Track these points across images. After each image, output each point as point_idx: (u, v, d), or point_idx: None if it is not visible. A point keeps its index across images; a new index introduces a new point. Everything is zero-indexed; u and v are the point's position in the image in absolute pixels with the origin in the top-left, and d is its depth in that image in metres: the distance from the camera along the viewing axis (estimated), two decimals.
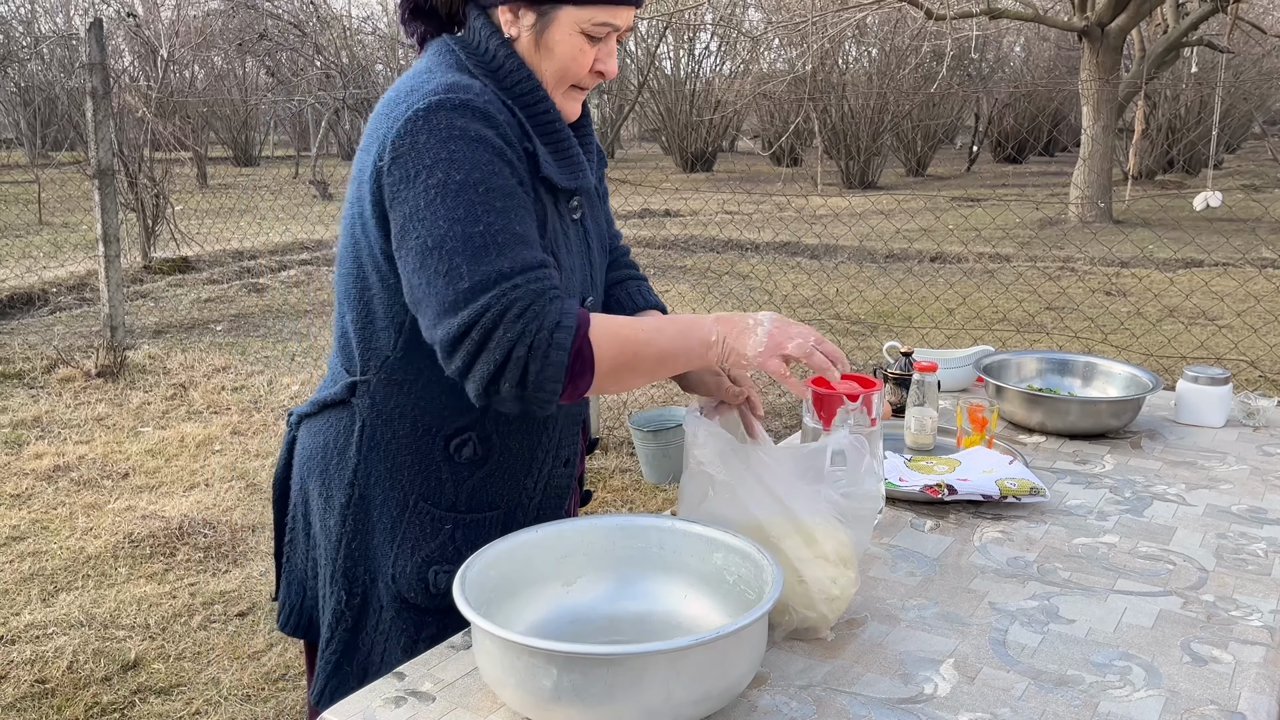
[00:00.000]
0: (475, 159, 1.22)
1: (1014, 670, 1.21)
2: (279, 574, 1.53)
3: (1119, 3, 11.27)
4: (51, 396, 5.27)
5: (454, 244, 1.19)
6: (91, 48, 5.99)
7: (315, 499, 1.42)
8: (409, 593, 1.36)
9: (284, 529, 1.51)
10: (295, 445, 1.47)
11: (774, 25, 16.64)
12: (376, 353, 1.35)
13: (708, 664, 1.05)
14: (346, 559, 1.38)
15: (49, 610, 3.10)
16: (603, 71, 1.34)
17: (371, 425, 1.36)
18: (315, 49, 12.99)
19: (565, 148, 1.35)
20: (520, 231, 1.23)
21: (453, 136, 1.21)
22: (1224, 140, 18.20)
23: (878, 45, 17.86)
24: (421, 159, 1.21)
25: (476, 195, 1.21)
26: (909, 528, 1.61)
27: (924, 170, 19.03)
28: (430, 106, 1.22)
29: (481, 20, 1.33)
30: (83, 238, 10.08)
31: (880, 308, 7.51)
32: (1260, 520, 1.63)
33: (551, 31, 1.30)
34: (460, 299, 1.19)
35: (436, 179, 1.21)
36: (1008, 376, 2.21)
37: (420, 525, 1.36)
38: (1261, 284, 7.68)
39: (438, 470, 1.36)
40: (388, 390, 1.35)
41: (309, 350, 6.36)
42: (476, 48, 1.33)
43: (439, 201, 1.20)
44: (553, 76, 1.33)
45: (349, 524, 1.37)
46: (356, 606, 1.39)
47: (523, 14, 1.30)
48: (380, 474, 1.36)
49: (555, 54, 1.31)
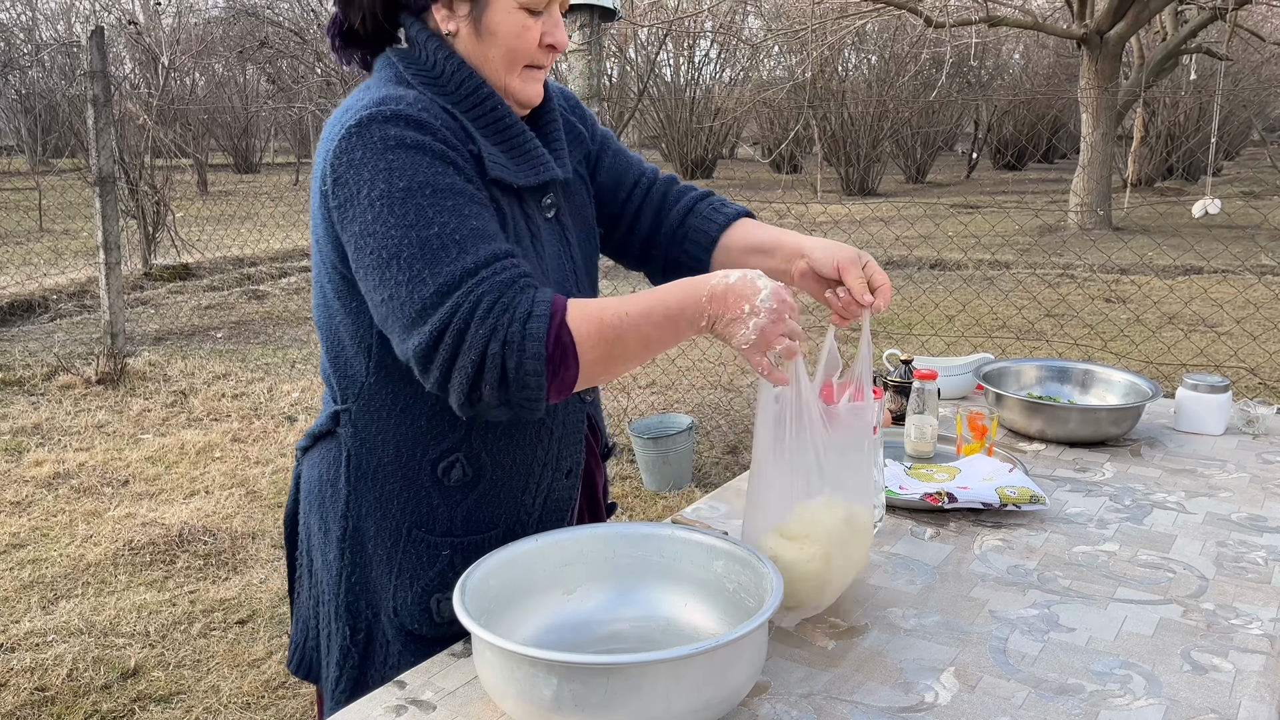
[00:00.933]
0: (416, 163, 1.17)
1: (1014, 679, 1.21)
2: (292, 613, 1.49)
3: (1118, 10, 11.29)
4: (52, 404, 5.27)
5: (410, 250, 1.15)
6: (93, 55, 6.01)
7: (316, 534, 1.38)
8: (412, 624, 1.32)
9: (295, 565, 1.47)
10: (300, 480, 1.43)
11: (773, 33, 16.68)
12: (352, 380, 1.31)
13: (708, 673, 1.05)
14: (348, 593, 1.34)
15: (49, 618, 3.10)
16: (553, 44, 1.29)
17: (356, 455, 1.32)
18: (316, 56, 13.02)
19: (520, 144, 1.29)
20: (477, 226, 1.18)
21: (388, 147, 1.17)
22: (1223, 147, 18.23)
23: (877, 52, 17.90)
24: (360, 174, 1.17)
25: (424, 198, 1.16)
26: (909, 535, 1.61)
27: (923, 177, 19.06)
28: (361, 122, 1.18)
29: (417, 28, 1.28)
30: (83, 245, 10.09)
31: (879, 315, 7.51)
32: (1260, 528, 1.64)
33: (489, 15, 1.25)
34: (426, 306, 1.14)
35: (379, 190, 1.16)
36: (1007, 384, 2.21)
37: (417, 554, 1.31)
38: (1261, 291, 7.69)
39: (428, 496, 1.31)
40: (368, 418, 1.31)
41: (309, 357, 6.37)
42: (416, 57, 1.28)
43: (386, 212, 1.16)
44: (502, 61, 1.27)
45: (346, 557, 1.34)
46: (361, 642, 1.34)
47: (457, 5, 1.26)
48: (370, 504, 1.32)
49: (498, 36, 1.26)
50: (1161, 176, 17.68)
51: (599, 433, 1.52)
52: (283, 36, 14.85)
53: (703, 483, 4.26)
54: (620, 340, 1.18)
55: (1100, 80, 11.54)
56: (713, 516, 1.69)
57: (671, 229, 1.50)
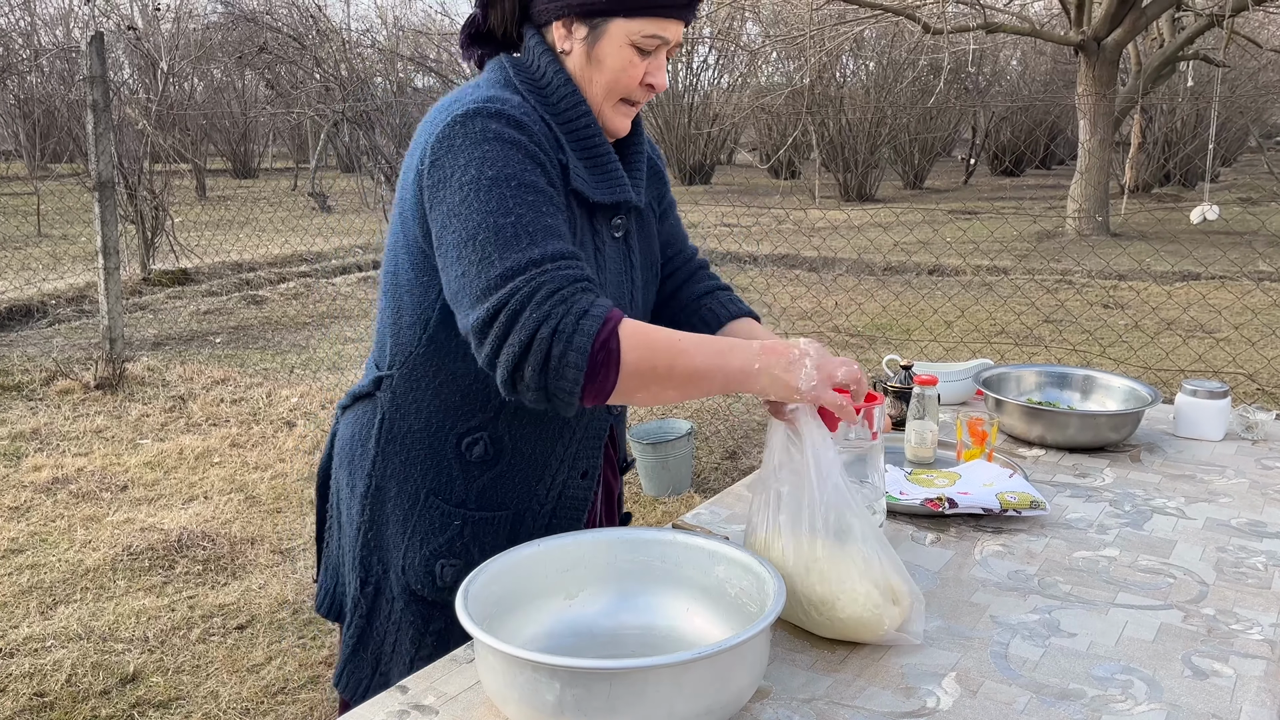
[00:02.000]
0: (507, 157, 1.26)
1: (1016, 684, 1.21)
2: (319, 559, 1.59)
3: (1115, 17, 11.32)
4: (50, 409, 5.26)
5: (486, 235, 1.22)
6: (92, 61, 6.01)
7: (344, 487, 1.48)
8: (416, 585, 1.40)
9: (325, 516, 1.57)
10: (336, 436, 1.52)
11: (772, 39, 16.70)
12: (403, 348, 1.39)
13: (710, 678, 1.05)
14: (363, 547, 1.44)
15: (47, 623, 3.10)
16: (653, 84, 1.37)
17: (390, 418, 1.41)
18: (315, 62, 13.03)
19: (603, 163, 1.37)
20: (551, 224, 1.25)
21: (486, 138, 1.26)
22: (1220, 154, 18.27)
23: (875, 59, 17.93)
24: (457, 159, 1.26)
25: (508, 190, 1.24)
26: (910, 541, 1.61)
27: (921, 183, 19.09)
28: (468, 113, 1.27)
29: (536, 40, 1.37)
30: (82, 250, 10.08)
31: (879, 320, 7.53)
32: (1260, 534, 1.64)
33: (602, 44, 1.33)
34: (491, 285, 1.21)
35: (470, 176, 1.25)
36: (1007, 390, 2.22)
37: (430, 519, 1.40)
38: (1259, 297, 7.70)
39: (449, 467, 1.40)
40: (407, 385, 1.39)
41: (308, 362, 6.37)
42: (527, 65, 1.37)
43: (473, 197, 1.24)
44: (602, 89, 1.36)
45: (366, 513, 1.43)
46: (370, 595, 1.44)
47: (575, 28, 1.34)
48: (395, 466, 1.41)
49: (605, 66, 1.34)
50: (1159, 183, 17.71)
51: (618, 445, 1.59)
52: (281, 42, 14.86)
53: (702, 488, 4.26)
54: (670, 365, 1.22)
55: (1098, 86, 11.57)
56: (713, 521, 1.69)
57: (689, 300, 1.60)
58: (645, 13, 1.32)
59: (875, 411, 1.45)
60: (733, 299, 1.60)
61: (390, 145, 10.06)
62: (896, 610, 1.26)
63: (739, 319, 1.57)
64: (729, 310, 1.57)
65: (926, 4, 11.87)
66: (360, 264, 10.09)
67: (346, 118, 11.18)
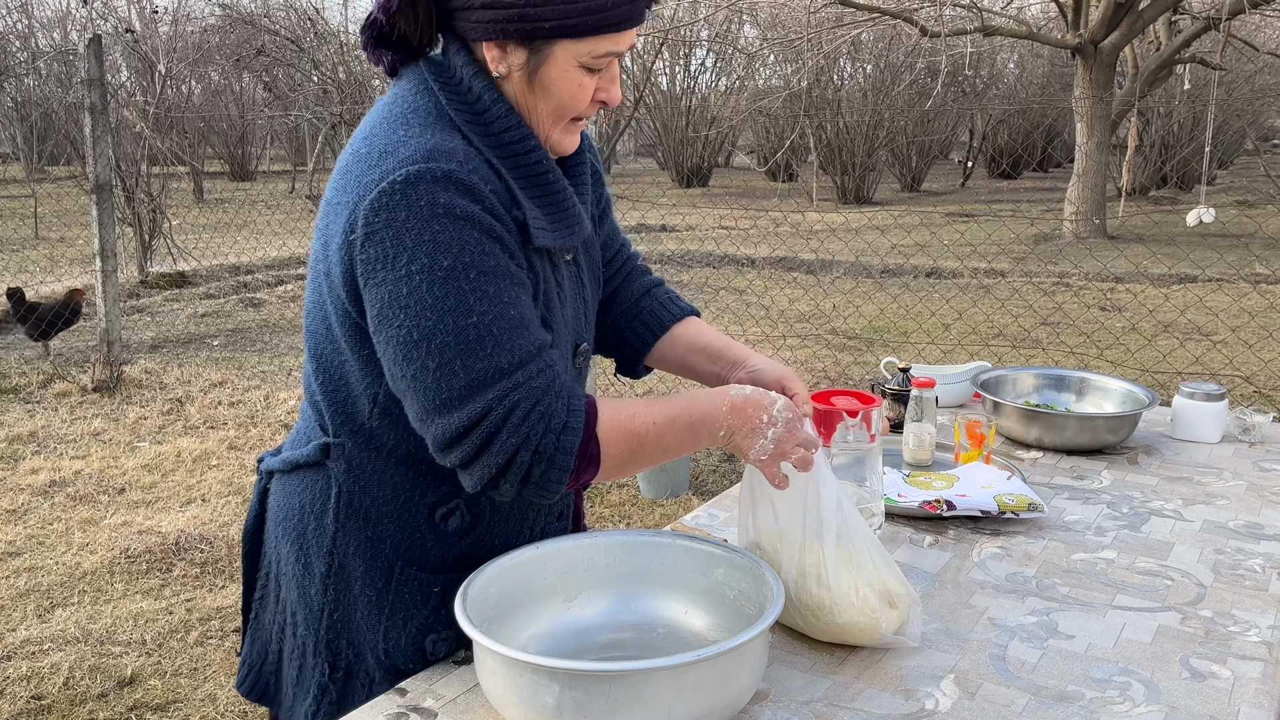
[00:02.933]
0: (463, 239, 1.11)
1: (1014, 686, 1.21)
2: (245, 630, 1.43)
3: (1112, 20, 11.34)
4: (48, 411, 5.26)
5: (445, 337, 1.10)
6: (90, 64, 6.01)
7: (291, 563, 1.32)
8: (406, 665, 1.27)
9: (254, 584, 1.41)
10: (268, 499, 1.37)
11: (769, 42, 16.72)
12: (350, 418, 1.25)
13: (709, 680, 1.05)
14: (329, 631, 1.29)
15: (45, 626, 3.09)
16: (605, 100, 1.23)
17: (349, 492, 1.26)
18: (313, 64, 13.03)
19: (559, 201, 1.23)
20: (516, 315, 1.14)
21: (435, 215, 1.10)
22: (1217, 156, 18.29)
23: (873, 62, 17.95)
24: (401, 240, 1.09)
25: (467, 282, 1.11)
26: (908, 543, 1.61)
27: (919, 186, 19.10)
28: (408, 178, 1.10)
29: (461, 55, 1.19)
30: (79, 252, 10.08)
31: (876, 323, 7.53)
32: (1257, 536, 1.64)
33: (547, 69, 1.17)
34: (454, 397, 1.11)
35: (420, 264, 1.09)
36: (1005, 392, 2.22)
37: (410, 593, 1.27)
38: (1255, 299, 7.71)
39: (422, 538, 1.27)
40: (365, 455, 1.25)
41: None
42: (458, 85, 1.19)
43: (424, 290, 1.09)
44: (550, 115, 1.21)
45: (330, 594, 1.28)
46: (340, 680, 1.30)
47: (511, 51, 1.17)
48: (360, 543, 1.27)
49: (552, 92, 1.19)
50: (1156, 185, 17.73)
51: None
52: (279, 45, 14.86)
53: (700, 490, 4.26)
54: (642, 449, 1.20)
55: (1095, 89, 11.59)
56: (712, 524, 1.69)
57: (627, 305, 1.51)
58: (595, 32, 1.15)
59: (873, 414, 1.45)
60: (673, 298, 1.53)
61: None
62: (894, 613, 1.26)
63: (684, 320, 1.50)
64: (671, 312, 1.50)
65: (924, 7, 11.90)
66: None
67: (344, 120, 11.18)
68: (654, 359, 1.51)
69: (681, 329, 1.50)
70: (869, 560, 1.26)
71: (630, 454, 1.19)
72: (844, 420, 1.44)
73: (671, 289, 1.56)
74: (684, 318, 1.51)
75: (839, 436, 1.44)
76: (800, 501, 1.27)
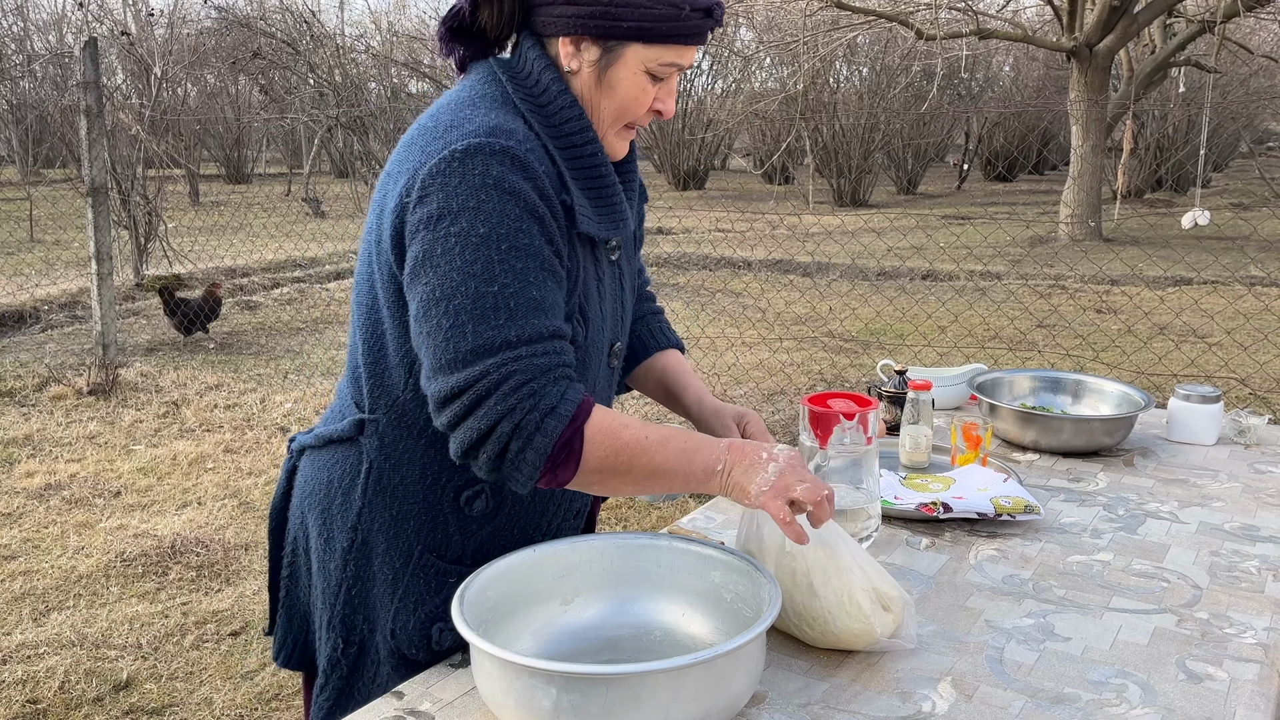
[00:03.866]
0: (504, 212, 1.16)
1: (1011, 688, 1.21)
2: (274, 606, 1.47)
3: (1107, 24, 11.37)
4: (43, 414, 5.25)
5: (463, 300, 1.14)
6: (86, 67, 6.00)
7: (315, 537, 1.36)
8: (409, 649, 1.29)
9: (280, 561, 1.45)
10: (296, 475, 1.41)
11: (765, 44, 16.74)
12: (387, 391, 1.29)
13: (706, 683, 1.05)
14: (345, 605, 1.32)
15: (40, 630, 3.09)
16: (661, 110, 1.29)
17: (379, 469, 1.30)
18: (309, 67, 13.03)
19: (608, 195, 1.28)
20: (536, 296, 1.17)
21: (485, 185, 1.16)
22: (1211, 159, 18.34)
23: (869, 64, 17.98)
24: (449, 202, 1.15)
25: (497, 252, 1.15)
26: (905, 545, 1.61)
27: (915, 188, 19.13)
28: (468, 149, 1.16)
29: (535, 49, 1.26)
30: (74, 255, 10.06)
31: (873, 325, 7.54)
32: (1253, 538, 1.64)
33: (616, 69, 1.24)
34: (458, 359, 1.14)
35: (460, 227, 1.15)
36: (1001, 395, 2.22)
37: (425, 579, 1.30)
38: (1250, 302, 7.73)
39: (445, 522, 1.30)
40: (398, 433, 1.29)
41: (302, 368, 6.36)
42: (526, 78, 1.26)
43: (457, 251, 1.15)
44: (611, 115, 1.27)
45: (349, 570, 1.32)
46: (353, 655, 1.33)
47: (586, 48, 1.24)
48: (384, 521, 1.30)
49: (617, 92, 1.25)
50: (1151, 188, 17.77)
51: None
52: (275, 48, 14.86)
53: (696, 493, 4.26)
54: (631, 462, 1.18)
55: (1090, 92, 11.61)
56: (709, 527, 1.69)
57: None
58: (666, 40, 1.23)
59: (870, 416, 1.46)
60: (664, 328, 1.59)
61: (384, 150, 10.06)
62: (889, 617, 1.26)
63: (666, 350, 1.56)
64: (657, 341, 1.56)
65: (919, 10, 11.91)
66: (355, 269, 10.08)
67: (340, 123, 11.19)
68: (633, 378, 1.58)
69: (665, 358, 1.57)
70: (855, 565, 1.26)
71: (614, 462, 1.18)
72: (841, 422, 1.44)
73: (667, 320, 1.62)
74: (667, 348, 1.57)
75: (836, 439, 1.44)
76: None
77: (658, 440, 1.20)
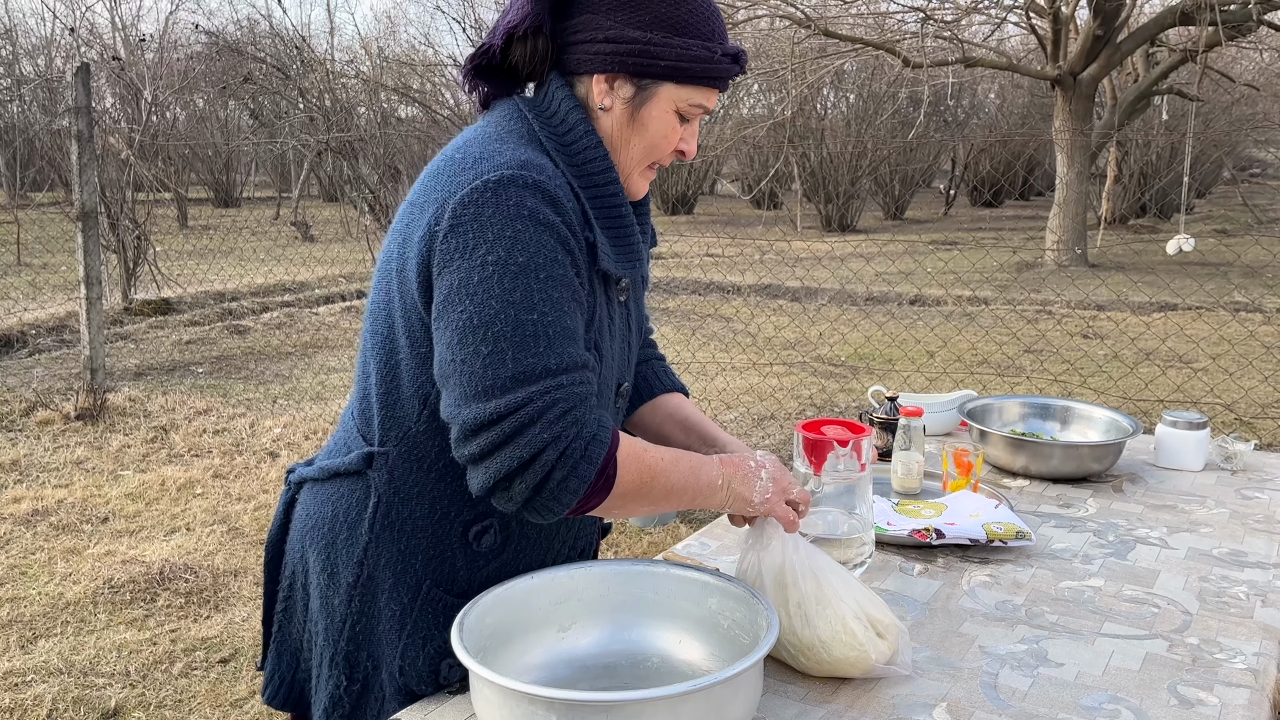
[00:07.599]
0: (540, 242, 1.17)
1: (1005, 714, 1.22)
2: (267, 642, 1.44)
3: (1090, 52, 11.51)
4: (30, 439, 5.22)
5: (503, 327, 1.14)
6: (77, 92, 6.02)
7: (316, 572, 1.34)
8: (417, 685, 1.28)
9: (276, 595, 1.42)
10: (295, 508, 1.39)
11: (753, 71, 16.87)
12: (399, 422, 1.28)
13: (705, 709, 1.06)
14: (349, 642, 1.30)
15: (28, 657, 3.06)
16: (684, 151, 1.32)
17: (387, 502, 1.29)
18: (299, 92, 13.07)
19: (626, 234, 1.29)
20: (570, 326, 1.18)
21: (520, 215, 1.16)
22: (1195, 186, 18.52)
23: (856, 91, 18.14)
24: (484, 232, 1.15)
25: (536, 281, 1.16)
26: (898, 571, 1.63)
27: (902, 214, 19.26)
28: (502, 180, 1.17)
29: (563, 90, 1.27)
30: (62, 279, 10.03)
31: (862, 350, 7.57)
32: (1241, 563, 1.66)
33: (649, 107, 1.27)
34: (498, 385, 1.13)
35: (497, 256, 1.15)
36: (990, 421, 2.24)
37: (434, 614, 1.29)
38: (1235, 328, 7.80)
39: (453, 557, 1.30)
40: (408, 466, 1.28)
41: (291, 392, 6.34)
42: (552, 116, 1.27)
43: (495, 279, 1.15)
44: (640, 153, 1.29)
45: (354, 605, 1.30)
46: (355, 693, 1.31)
47: (620, 86, 1.26)
48: (391, 556, 1.29)
49: (649, 130, 1.28)
50: (1135, 214, 17.93)
51: None
52: (265, 72, 14.91)
53: (688, 518, 4.26)
54: (653, 482, 1.21)
55: (1074, 120, 11.74)
56: (703, 553, 1.70)
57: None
58: (698, 81, 1.26)
59: (864, 443, 1.47)
60: (667, 371, 1.60)
61: (373, 175, 10.08)
62: (884, 643, 1.27)
63: (671, 393, 1.56)
64: (663, 383, 1.56)
65: (906, 38, 12.04)
66: (344, 293, 10.08)
67: (330, 147, 11.21)
68: (633, 422, 1.57)
69: (669, 400, 1.56)
70: (847, 594, 1.27)
71: (641, 485, 1.20)
72: (834, 449, 1.46)
73: (668, 366, 1.63)
74: (672, 390, 1.57)
75: (829, 465, 1.46)
76: (761, 549, 1.30)
77: (670, 460, 1.23)
